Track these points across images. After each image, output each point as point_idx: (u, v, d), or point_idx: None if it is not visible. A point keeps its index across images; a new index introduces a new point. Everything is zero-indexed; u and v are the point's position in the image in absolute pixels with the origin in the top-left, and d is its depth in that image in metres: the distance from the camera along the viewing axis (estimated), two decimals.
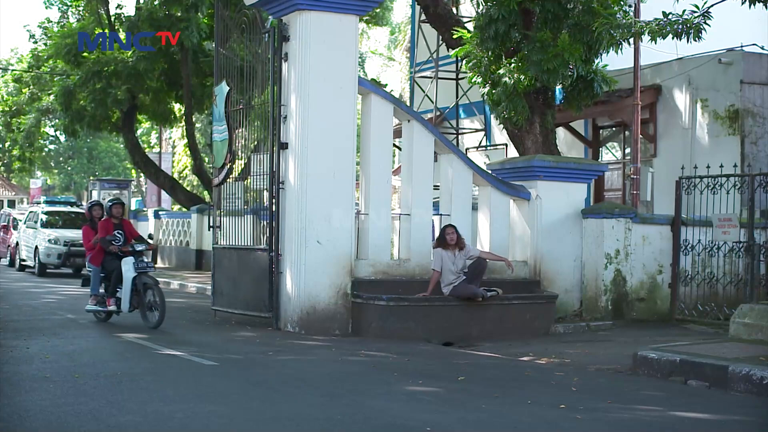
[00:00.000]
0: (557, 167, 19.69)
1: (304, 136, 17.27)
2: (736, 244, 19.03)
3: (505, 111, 21.28)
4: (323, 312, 17.15)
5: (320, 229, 17.15)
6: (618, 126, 27.68)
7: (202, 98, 36.31)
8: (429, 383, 12.33)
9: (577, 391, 12.05)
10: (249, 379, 12.35)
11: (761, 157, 22.89)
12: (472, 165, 19.53)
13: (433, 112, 31.75)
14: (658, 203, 24.56)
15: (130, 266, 17.68)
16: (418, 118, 19.20)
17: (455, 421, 10.03)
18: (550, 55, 20.02)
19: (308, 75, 17.33)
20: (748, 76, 23.60)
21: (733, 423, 10.61)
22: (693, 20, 15.45)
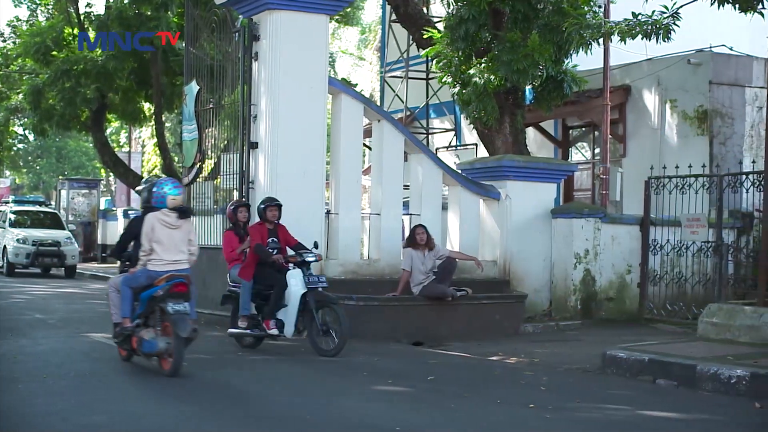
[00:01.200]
0: (527, 167, 19.73)
1: (274, 135, 17.25)
2: (704, 244, 19.12)
3: (475, 111, 21.31)
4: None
5: (291, 228, 17.07)
6: (587, 126, 27.75)
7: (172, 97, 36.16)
8: (399, 383, 12.34)
9: (546, 391, 12.08)
10: (218, 379, 12.33)
11: (729, 158, 23.00)
12: (442, 165, 19.56)
13: (404, 112, 31.74)
14: (628, 203, 24.64)
15: (299, 281, 14.95)
16: (389, 117, 19.21)
17: (425, 421, 10.05)
18: (520, 55, 20.06)
19: (278, 74, 17.31)
20: (717, 77, 23.69)
21: (701, 422, 10.66)
22: (662, 21, 15.50)
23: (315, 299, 14.83)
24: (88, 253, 40.70)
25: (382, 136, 18.59)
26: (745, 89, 23.75)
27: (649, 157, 23.32)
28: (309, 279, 14.96)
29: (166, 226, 12.57)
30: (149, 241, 12.48)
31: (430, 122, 32.67)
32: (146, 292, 12.56)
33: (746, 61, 23.90)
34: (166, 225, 12.57)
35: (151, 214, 12.64)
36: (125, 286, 12.80)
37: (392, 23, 31.65)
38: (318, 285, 14.99)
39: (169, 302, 12.21)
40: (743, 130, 23.62)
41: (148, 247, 12.51)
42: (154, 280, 12.46)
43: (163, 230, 12.55)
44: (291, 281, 14.99)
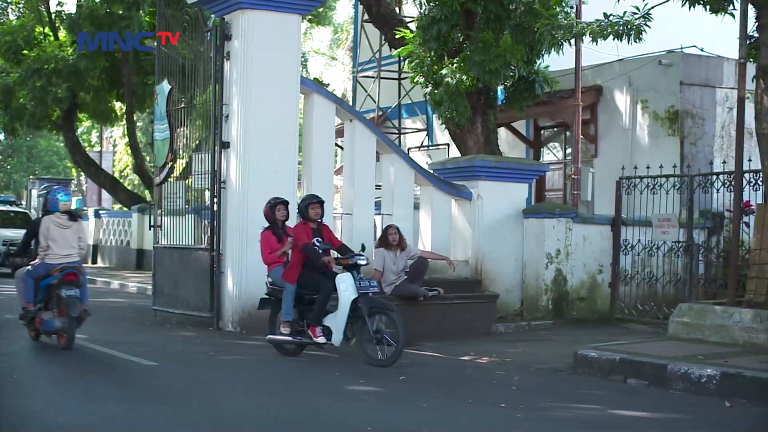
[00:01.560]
0: (499, 167, 19.76)
1: (246, 135, 17.23)
2: (675, 244, 19.20)
3: (447, 111, 21.34)
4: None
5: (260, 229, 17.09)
6: (559, 126, 27.83)
7: (144, 97, 36.09)
8: (371, 383, 12.34)
9: (517, 390, 12.10)
10: (190, 379, 12.31)
11: (700, 158, 23.10)
12: (414, 165, 19.57)
13: (376, 112, 31.76)
14: (599, 203, 24.72)
15: (350, 285, 14.03)
16: (361, 117, 19.22)
17: (396, 421, 10.05)
18: (492, 55, 20.10)
19: (250, 74, 17.29)
20: (688, 78, 23.80)
21: (672, 421, 10.70)
22: (634, 22, 15.56)
23: (368, 305, 13.90)
24: None
25: (354, 136, 18.59)
26: (716, 90, 23.87)
27: (620, 157, 23.41)
28: (360, 283, 14.04)
29: (59, 227, 14.70)
30: (45, 239, 14.62)
31: (402, 122, 32.69)
32: (45, 281, 14.63)
33: (717, 62, 24.01)
34: (59, 225, 14.70)
35: (47, 217, 14.77)
36: (28, 277, 14.81)
37: (364, 23, 31.68)
38: (369, 290, 14.13)
39: (62, 288, 14.39)
40: (714, 131, 23.74)
41: (45, 244, 14.62)
42: (50, 271, 14.56)
43: (57, 230, 14.67)
44: (341, 285, 14.07)
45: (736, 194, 16.73)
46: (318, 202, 14.71)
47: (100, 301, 23.05)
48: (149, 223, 20.35)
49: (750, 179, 17.44)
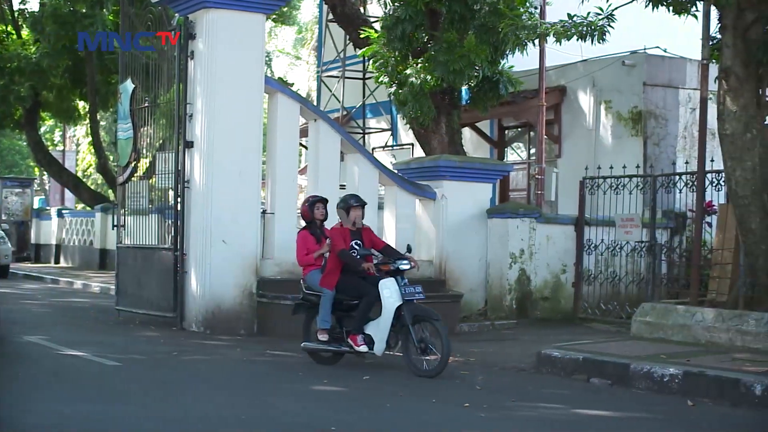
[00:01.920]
0: (463, 167, 19.78)
1: (210, 134, 17.18)
2: (638, 243, 19.27)
3: (411, 111, 21.34)
4: (228, 312, 17.06)
5: (226, 228, 17.05)
6: (523, 126, 27.90)
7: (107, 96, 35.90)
8: (334, 382, 12.34)
9: (481, 390, 12.14)
10: (153, 379, 12.26)
11: (663, 158, 23.19)
12: (378, 164, 19.57)
13: (340, 112, 31.73)
14: (563, 203, 24.79)
15: (394, 292, 13.28)
16: (325, 117, 19.21)
17: (360, 420, 10.06)
18: (457, 55, 20.14)
19: (214, 73, 17.24)
20: (651, 79, 23.91)
21: (635, 420, 10.75)
22: (597, 22, 15.62)
23: (412, 313, 13.18)
24: (22, 252, 40.26)
25: (319, 135, 18.58)
26: (679, 91, 23.99)
27: (584, 158, 23.48)
28: (405, 290, 13.28)
29: None
30: None
31: (366, 122, 32.69)
32: None
33: (680, 63, 24.14)
34: None
35: None
36: None
37: (329, 23, 31.63)
38: (415, 297, 13.34)
39: None
40: (677, 131, 23.86)
41: None
42: None
43: None
44: (384, 292, 13.28)
45: (699, 194, 16.83)
46: (360, 205, 14.01)
47: (63, 301, 22.98)
48: (112, 222, 20.25)
49: (712, 179, 17.55)
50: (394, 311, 13.19)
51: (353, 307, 13.64)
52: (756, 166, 15.32)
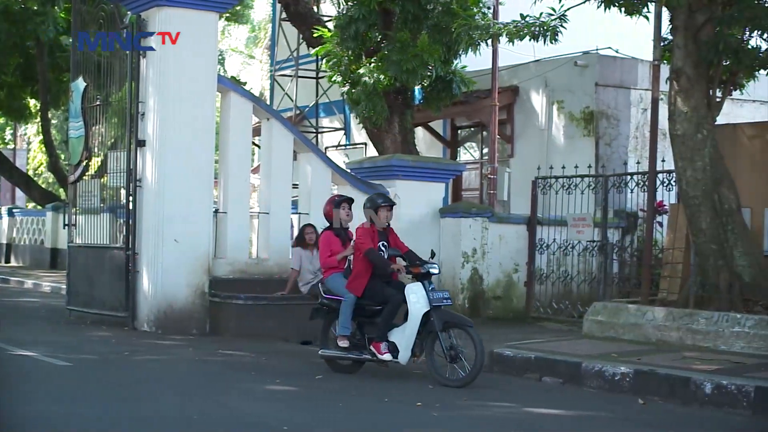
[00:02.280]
0: (416, 167, 19.80)
1: (162, 133, 17.10)
2: (590, 243, 19.36)
3: (364, 110, 21.34)
4: (180, 311, 16.99)
5: (178, 227, 16.98)
6: (476, 126, 27.96)
7: (59, 94, 35.67)
8: (287, 382, 12.32)
9: (433, 389, 12.14)
10: (104, 379, 12.19)
11: (615, 159, 23.30)
12: (331, 164, 19.56)
13: (293, 111, 31.66)
14: (515, 203, 24.85)
15: (421, 297, 12.60)
16: (278, 116, 19.17)
17: (312, 420, 10.05)
18: (410, 55, 20.17)
19: (167, 72, 17.16)
20: (603, 79, 24.02)
21: (586, 418, 10.81)
22: (550, 23, 15.69)
23: (441, 319, 12.56)
24: None
25: (272, 134, 18.54)
26: (631, 91, 24.12)
27: (536, 158, 23.56)
28: (433, 295, 12.61)
29: None
30: None
31: (319, 121, 32.66)
32: None
33: (632, 64, 24.27)
34: None
35: None
36: None
37: (282, 22, 31.56)
38: (443, 302, 12.73)
39: None
40: (628, 132, 23.99)
41: None
42: None
43: None
44: (411, 297, 12.64)
45: (650, 194, 16.95)
46: (389, 205, 13.31)
47: (13, 301, 22.81)
48: (64, 221, 20.13)
49: (663, 179, 17.67)
50: (421, 317, 12.54)
51: (375, 312, 12.99)
52: (706, 166, 15.44)
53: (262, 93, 47.43)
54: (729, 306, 14.99)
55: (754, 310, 14.81)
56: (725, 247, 15.43)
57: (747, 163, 17.28)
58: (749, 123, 19.30)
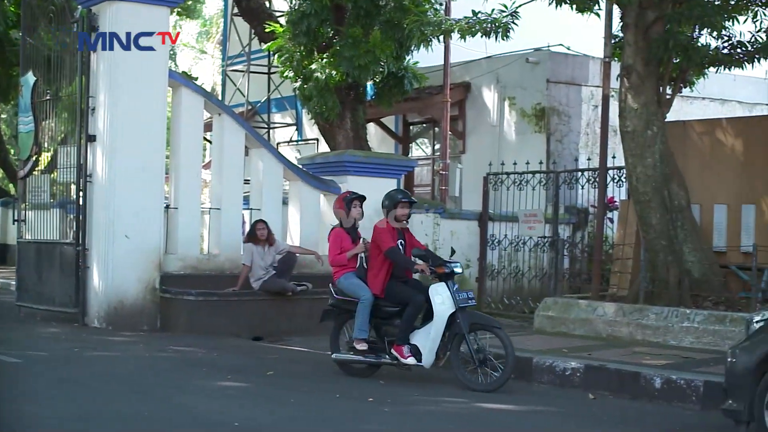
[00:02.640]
0: (367, 162, 19.78)
1: (113, 128, 16.99)
2: (541, 239, 19.45)
3: (316, 106, 21.32)
4: (131, 307, 16.90)
5: (128, 223, 16.88)
6: (428, 122, 28.00)
7: (8, 88, 35.33)
8: (238, 378, 12.29)
9: (385, 385, 12.17)
10: (54, 376, 12.10)
11: (566, 155, 23.42)
12: (282, 159, 19.51)
13: (245, 106, 31.59)
14: (467, 199, 24.91)
15: (446, 298, 12.12)
16: (229, 111, 19.10)
17: (264, 416, 10.04)
18: (362, 51, 20.17)
19: (117, 67, 17.04)
20: (554, 76, 24.12)
21: (536, 413, 10.86)
22: (501, 19, 15.77)
23: (468, 320, 12.10)
24: None
25: (223, 130, 18.47)
26: (582, 88, 24.25)
27: (488, 154, 23.61)
28: (458, 295, 12.14)
29: None
30: None
31: (271, 117, 32.59)
32: None
33: (583, 61, 24.39)
34: None
35: None
36: None
37: (234, 17, 31.48)
38: (468, 302, 12.26)
39: None
40: (579, 128, 24.11)
41: None
42: None
43: None
44: (435, 298, 12.16)
45: (601, 190, 17.05)
46: (409, 202, 12.92)
47: None
48: (13, 217, 19.97)
49: (614, 176, 17.79)
50: (446, 319, 12.07)
51: (392, 314, 12.54)
52: (656, 162, 15.57)
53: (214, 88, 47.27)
54: (678, 301, 15.14)
55: (703, 306, 14.96)
56: (675, 243, 15.57)
57: (697, 160, 17.45)
58: (699, 120, 19.47)
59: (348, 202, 13.44)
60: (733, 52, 16.03)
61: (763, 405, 8.83)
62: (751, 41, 15.86)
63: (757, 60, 16.13)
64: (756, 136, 17.16)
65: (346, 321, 12.99)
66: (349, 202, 13.44)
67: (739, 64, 16.24)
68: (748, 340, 9.39)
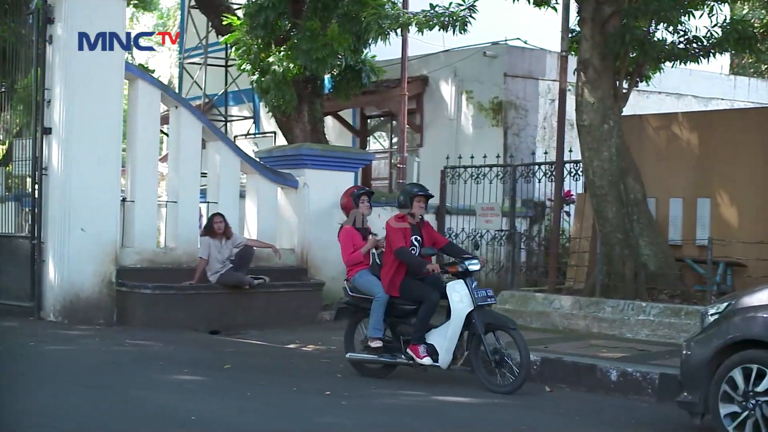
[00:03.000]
0: (325, 156, 19.78)
1: (68, 121, 16.88)
2: (498, 232, 19.51)
3: (273, 99, 21.25)
4: (87, 301, 16.80)
5: (84, 216, 16.78)
6: (385, 116, 27.99)
7: None
8: (195, 372, 12.26)
9: (342, 378, 12.18)
10: (9, 370, 12.01)
11: (523, 148, 23.48)
12: (240, 152, 19.46)
13: (202, 99, 31.45)
14: None
15: (464, 296, 11.75)
16: (186, 104, 19.02)
17: (220, 410, 10.01)
18: (319, 44, 20.13)
19: (73, 59, 16.93)
20: (512, 70, 24.16)
21: (494, 406, 10.88)
22: (459, 13, 15.79)
23: (483, 320, 11.68)
24: None
25: (180, 123, 18.39)
26: (539, 82, 24.30)
27: (445, 147, 23.64)
28: (476, 294, 11.72)
29: None
30: None
31: (228, 110, 32.48)
32: None
33: (540, 55, 24.45)
34: None
35: None
36: None
37: (191, 9, 31.35)
38: (487, 301, 11.86)
39: None
40: (536, 122, 24.17)
41: None
42: None
43: None
44: (453, 296, 11.78)
45: (557, 184, 17.12)
46: (424, 196, 12.52)
47: None
48: None
49: (570, 169, 17.88)
50: (464, 318, 11.69)
51: (408, 312, 12.14)
52: (613, 156, 15.65)
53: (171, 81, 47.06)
54: (634, 294, 15.23)
55: (658, 299, 15.06)
56: (631, 236, 15.66)
57: (652, 154, 17.54)
58: (655, 114, 19.56)
59: (356, 198, 13.18)
60: (689, 47, 16.12)
61: (717, 397, 8.91)
62: (706, 36, 15.96)
63: (713, 55, 16.24)
64: (711, 130, 17.26)
65: (361, 320, 12.63)
66: (357, 198, 13.18)
67: (695, 59, 16.35)
68: (703, 332, 9.46)
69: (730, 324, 9.06)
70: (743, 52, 16.46)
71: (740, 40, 15.54)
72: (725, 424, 8.84)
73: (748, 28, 15.70)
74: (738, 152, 16.64)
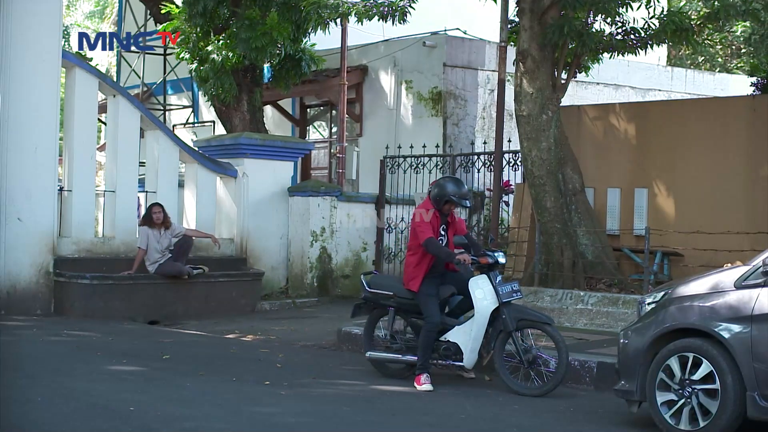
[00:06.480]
0: (264, 145, 19.75)
1: (4, 108, 16.69)
2: None
3: (212, 88, 21.15)
4: (24, 291, 16.65)
5: (21, 205, 16.62)
6: (325, 105, 27.96)
7: None
8: (133, 362, 12.20)
9: (282, 368, 12.17)
10: None
11: (462, 138, 23.54)
12: (178, 142, 19.37)
13: (140, 88, 31.26)
14: (364, 182, 24.96)
15: (488, 292, 11.14)
16: (124, 93, 18.89)
17: (159, 400, 9.96)
18: (258, 33, 20.05)
19: (9, 46, 16.75)
20: (451, 60, 24.20)
21: (432, 395, 10.92)
22: (398, 3, 15.80)
23: (515, 316, 11.09)
24: None
25: (118, 111, 18.27)
26: (478, 72, 24.35)
27: (385, 137, 23.65)
28: (502, 289, 11.13)
29: None
30: None
31: (167, 98, 32.28)
32: None
33: (479, 45, 24.51)
34: None
35: None
36: None
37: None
38: (513, 296, 11.27)
39: None
40: (476, 112, 24.23)
41: None
42: None
43: None
44: (476, 293, 11.18)
45: (496, 174, 17.18)
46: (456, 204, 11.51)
47: None
48: None
49: (510, 159, 17.94)
50: (489, 316, 11.14)
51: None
52: (551, 146, 15.73)
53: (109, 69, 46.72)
54: (572, 284, 15.35)
55: (596, 288, 15.18)
56: (569, 226, 15.76)
57: (591, 144, 17.66)
58: (593, 105, 19.70)
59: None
60: (627, 39, 16.24)
61: (654, 385, 8.99)
62: (644, 28, 16.08)
63: (650, 46, 16.37)
64: (648, 120, 17.40)
65: (380, 316, 12.06)
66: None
67: (633, 50, 16.46)
68: (640, 321, 9.54)
69: (667, 313, 9.14)
70: (680, 43, 16.59)
71: (677, 31, 15.67)
72: (662, 412, 8.93)
73: (685, 20, 15.81)
74: (675, 143, 16.80)
